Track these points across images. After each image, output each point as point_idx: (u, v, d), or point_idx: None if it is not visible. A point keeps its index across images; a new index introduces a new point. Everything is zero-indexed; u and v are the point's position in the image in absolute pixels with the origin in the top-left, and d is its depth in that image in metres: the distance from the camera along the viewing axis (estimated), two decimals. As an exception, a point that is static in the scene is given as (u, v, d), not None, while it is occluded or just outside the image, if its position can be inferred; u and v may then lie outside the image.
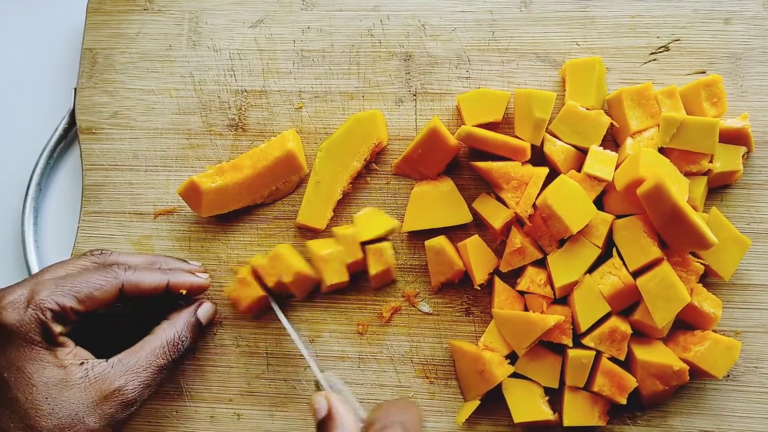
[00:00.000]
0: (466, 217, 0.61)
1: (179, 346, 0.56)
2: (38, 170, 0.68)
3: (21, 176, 0.68)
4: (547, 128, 0.60)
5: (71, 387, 0.50)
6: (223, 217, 0.64)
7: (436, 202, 0.61)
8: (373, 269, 0.59)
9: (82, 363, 0.51)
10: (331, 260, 0.59)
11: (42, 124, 0.69)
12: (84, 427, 0.50)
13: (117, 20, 0.68)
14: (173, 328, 0.57)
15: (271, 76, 0.66)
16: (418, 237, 0.62)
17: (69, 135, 0.69)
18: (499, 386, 0.58)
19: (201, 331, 0.60)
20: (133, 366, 0.53)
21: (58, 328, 0.51)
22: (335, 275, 0.59)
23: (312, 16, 0.67)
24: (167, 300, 0.59)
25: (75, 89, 0.68)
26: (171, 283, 0.57)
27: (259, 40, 0.67)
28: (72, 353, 0.52)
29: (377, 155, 0.64)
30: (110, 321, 0.60)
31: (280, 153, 0.62)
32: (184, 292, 0.58)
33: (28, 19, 0.73)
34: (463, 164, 0.63)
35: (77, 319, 0.53)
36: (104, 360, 0.53)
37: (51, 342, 0.51)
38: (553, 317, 0.56)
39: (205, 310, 0.60)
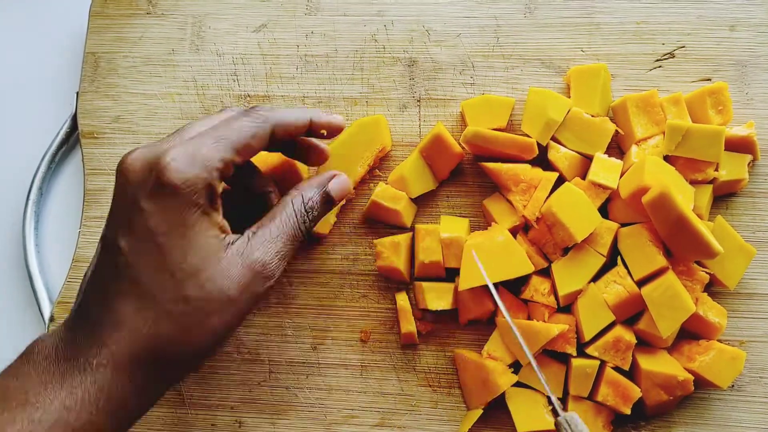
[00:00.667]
0: (527, 267, 0.56)
1: (309, 214, 0.52)
2: (39, 174, 0.67)
3: (22, 180, 0.68)
4: (552, 135, 0.59)
5: (220, 258, 0.47)
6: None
7: (493, 253, 0.57)
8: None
9: (226, 234, 0.49)
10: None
11: (43, 128, 0.69)
12: (228, 299, 0.47)
13: (120, 24, 0.68)
14: (300, 196, 0.52)
15: (274, 81, 0.66)
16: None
17: (71, 139, 0.69)
18: (503, 395, 0.58)
19: (331, 206, 0.55)
20: (267, 237, 0.49)
21: (220, 188, 0.48)
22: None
23: (316, 21, 0.67)
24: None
25: (77, 93, 0.68)
26: (313, 119, 0.54)
27: (262, 45, 0.67)
28: (222, 222, 0.49)
29: (380, 161, 0.64)
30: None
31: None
32: (325, 132, 0.55)
33: (30, 23, 0.73)
34: (467, 171, 0.63)
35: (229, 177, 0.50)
36: (239, 234, 0.49)
37: (212, 204, 0.47)
38: (557, 326, 0.56)
39: (338, 182, 0.55)
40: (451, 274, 0.60)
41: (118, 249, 0.46)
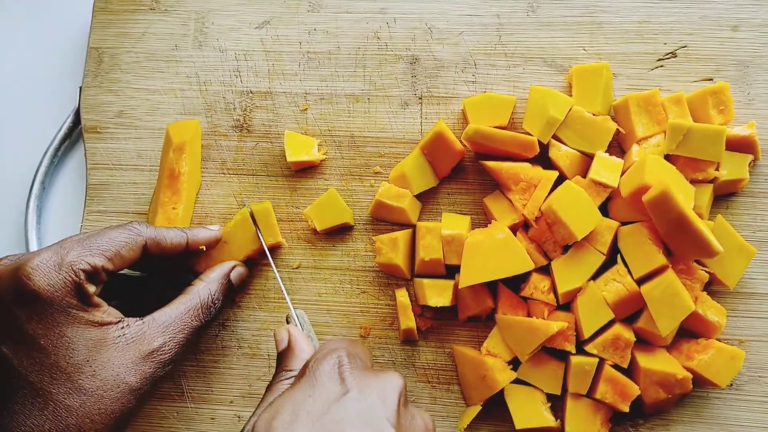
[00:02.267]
0: (527, 264, 0.56)
1: (212, 307, 0.56)
2: (42, 169, 0.68)
3: (25, 174, 0.68)
4: (553, 133, 0.60)
5: (110, 347, 0.49)
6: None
7: (493, 252, 0.57)
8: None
9: (118, 321, 0.51)
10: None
11: (47, 123, 0.69)
12: (127, 386, 0.49)
13: (123, 19, 0.68)
14: (207, 289, 0.56)
15: (276, 78, 0.66)
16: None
17: (73, 134, 0.69)
18: (501, 392, 0.58)
19: (232, 294, 0.60)
20: (169, 325, 0.52)
21: (91, 288, 0.50)
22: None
23: (318, 18, 0.67)
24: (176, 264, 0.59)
25: (80, 88, 0.68)
26: (190, 240, 0.57)
27: (265, 41, 0.67)
28: (106, 313, 0.51)
29: (381, 158, 0.64)
30: (131, 284, 0.60)
31: None
32: (204, 248, 0.58)
33: (34, 18, 0.73)
34: (468, 168, 0.63)
35: (106, 280, 0.52)
36: (139, 319, 0.52)
37: (86, 303, 0.49)
38: (557, 324, 0.56)
39: (237, 272, 0.60)
40: (450, 271, 0.60)
41: (3, 355, 0.48)
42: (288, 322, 0.57)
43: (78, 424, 0.47)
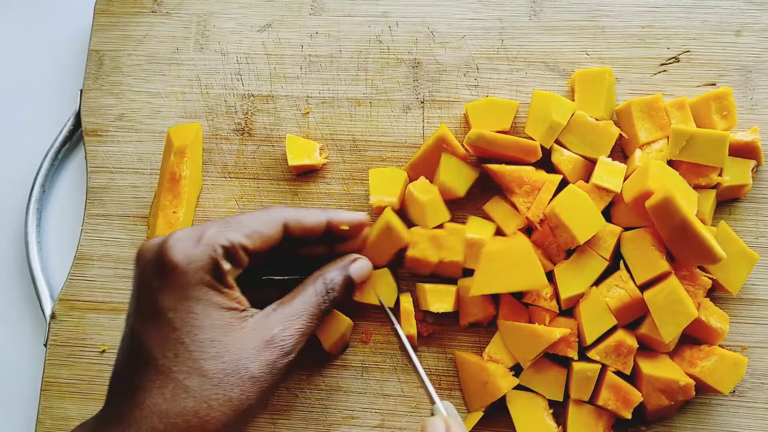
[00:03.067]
0: (541, 281, 0.55)
1: (330, 295, 0.55)
2: (42, 172, 0.67)
3: (25, 177, 0.68)
4: (555, 138, 0.59)
5: (236, 332, 0.48)
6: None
7: (510, 263, 0.55)
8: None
9: (244, 309, 0.50)
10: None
11: (47, 125, 0.69)
12: (247, 373, 0.47)
13: (124, 22, 0.68)
14: (322, 279, 0.55)
15: (278, 81, 0.66)
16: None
17: (74, 137, 0.69)
18: (503, 398, 0.58)
19: (352, 288, 0.58)
20: (287, 314, 0.51)
21: (227, 266, 0.49)
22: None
23: (320, 21, 0.67)
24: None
25: (81, 91, 0.68)
26: (331, 219, 0.56)
27: (266, 45, 0.67)
28: (237, 300, 0.50)
29: (383, 162, 0.64)
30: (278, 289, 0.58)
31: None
32: (346, 227, 0.57)
33: (35, 20, 0.73)
34: (470, 173, 0.63)
35: (245, 264, 0.51)
36: (259, 310, 0.51)
37: (220, 281, 0.49)
38: (559, 330, 0.56)
39: (358, 266, 0.58)
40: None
41: (133, 331, 0.48)
42: (432, 413, 0.52)
43: (195, 407, 0.45)
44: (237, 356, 0.47)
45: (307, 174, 0.64)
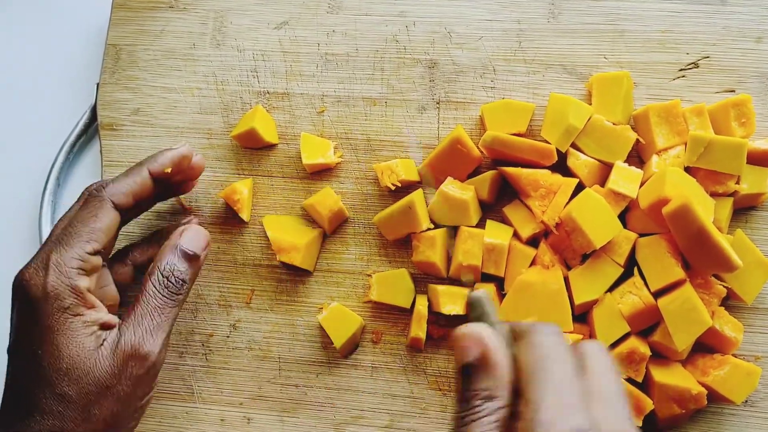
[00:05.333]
0: (566, 324, 0.56)
1: (172, 280, 0.52)
2: (57, 165, 0.68)
3: (40, 170, 0.68)
4: (571, 142, 0.59)
5: (95, 352, 0.49)
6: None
7: (540, 299, 0.56)
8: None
9: (106, 328, 0.50)
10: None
11: (63, 119, 0.69)
12: (104, 387, 0.48)
13: (142, 17, 0.68)
14: (157, 271, 0.51)
15: (294, 79, 0.66)
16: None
17: (89, 130, 0.69)
18: (513, 402, 0.57)
19: (198, 261, 0.54)
20: (135, 320, 0.50)
21: (84, 283, 0.49)
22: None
23: (337, 20, 0.66)
24: None
25: (97, 85, 0.68)
26: (150, 169, 0.54)
27: (283, 42, 0.67)
28: (98, 320, 0.50)
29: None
30: None
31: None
32: (169, 170, 0.54)
33: (53, 14, 0.73)
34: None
35: (102, 262, 0.52)
36: (114, 325, 0.50)
37: (81, 301, 0.49)
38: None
39: (188, 238, 0.53)
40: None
41: (8, 361, 0.50)
42: (470, 305, 0.41)
43: (63, 429, 0.47)
44: (93, 376, 0.48)
45: (320, 173, 0.64)
